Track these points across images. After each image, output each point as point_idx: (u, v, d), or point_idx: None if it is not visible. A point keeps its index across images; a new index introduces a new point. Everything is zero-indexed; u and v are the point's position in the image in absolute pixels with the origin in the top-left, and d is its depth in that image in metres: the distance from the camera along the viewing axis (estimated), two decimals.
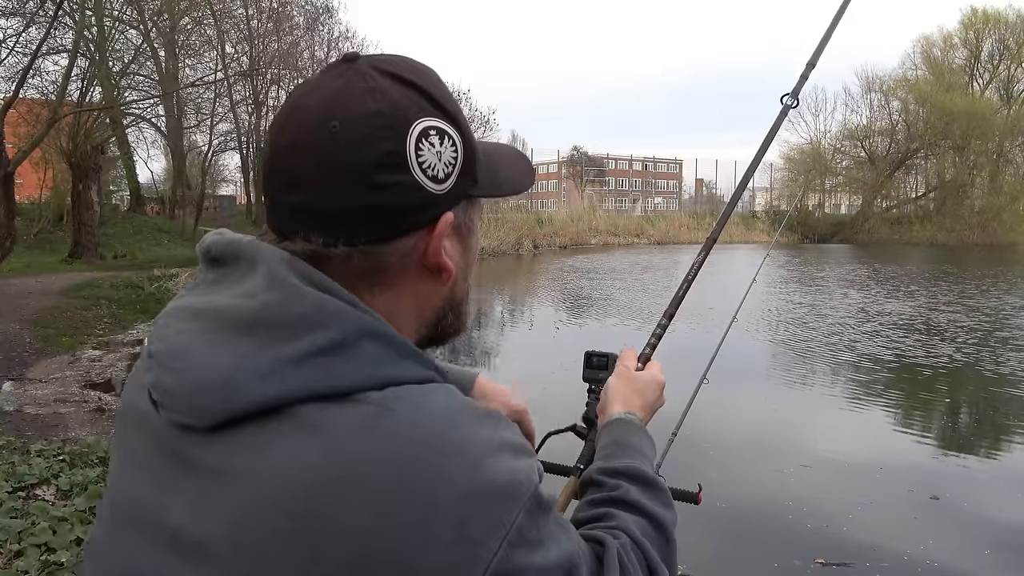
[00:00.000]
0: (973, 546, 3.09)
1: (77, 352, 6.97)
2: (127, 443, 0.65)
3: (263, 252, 0.60)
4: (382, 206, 0.60)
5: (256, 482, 0.55)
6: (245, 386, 0.56)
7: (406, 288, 0.65)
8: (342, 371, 0.56)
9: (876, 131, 46.12)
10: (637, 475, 0.79)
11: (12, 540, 2.48)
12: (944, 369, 6.59)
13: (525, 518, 0.57)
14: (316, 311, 0.57)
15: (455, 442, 0.56)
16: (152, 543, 0.58)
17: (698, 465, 3.98)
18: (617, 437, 0.88)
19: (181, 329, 0.61)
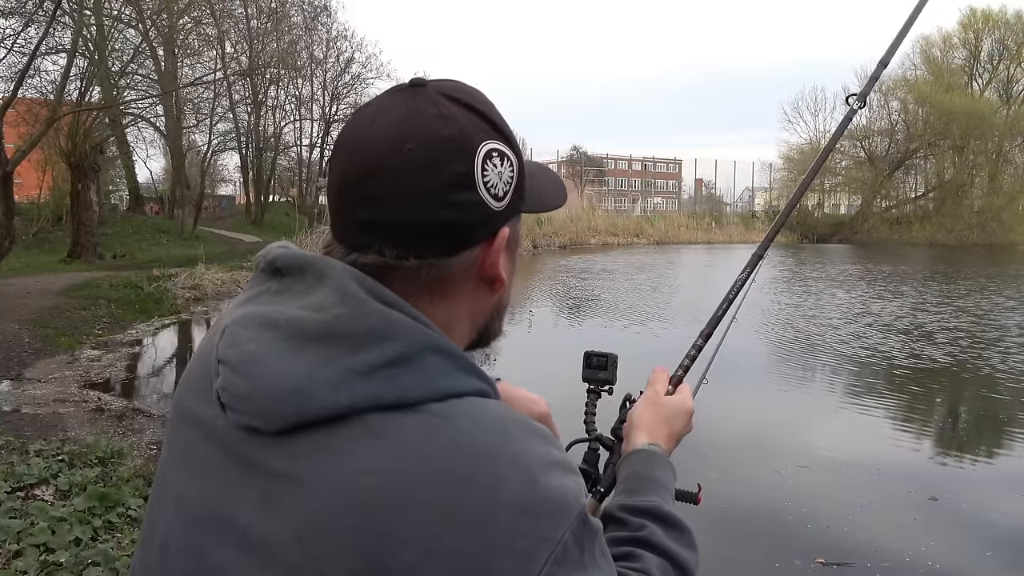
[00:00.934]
0: (973, 546, 3.09)
1: (76, 352, 6.97)
2: (186, 446, 0.68)
3: (332, 267, 0.64)
4: (452, 222, 0.65)
5: (323, 486, 0.58)
6: (317, 394, 0.59)
7: (464, 297, 0.70)
8: (407, 383, 0.60)
9: (875, 131, 46.12)
10: (661, 515, 0.80)
11: (11, 540, 2.48)
12: (935, 369, 6.59)
13: (571, 538, 0.59)
14: (384, 325, 0.61)
15: (510, 455, 0.59)
16: (222, 540, 0.62)
17: (697, 465, 3.97)
18: (640, 470, 0.89)
19: (251, 337, 0.63)
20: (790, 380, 6.34)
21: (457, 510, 0.57)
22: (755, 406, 5.46)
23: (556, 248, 29.23)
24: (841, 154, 47.23)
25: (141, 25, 15.11)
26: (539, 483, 0.59)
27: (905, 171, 46.11)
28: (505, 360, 7.67)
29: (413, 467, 0.58)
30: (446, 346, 0.63)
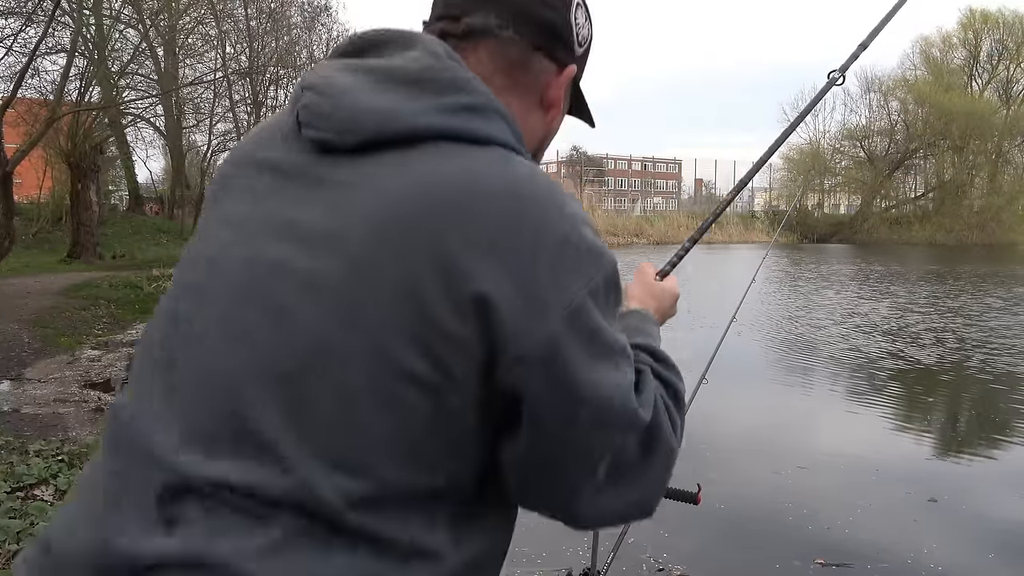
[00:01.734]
0: (974, 548, 3.09)
1: (76, 352, 6.97)
2: (245, 183, 0.75)
3: (419, 36, 0.74)
4: (548, 21, 0.77)
5: (394, 190, 0.66)
6: (400, 115, 0.68)
7: (525, 103, 0.79)
8: (480, 126, 0.70)
9: (875, 131, 46.11)
10: (654, 351, 0.85)
11: (11, 540, 2.48)
12: (922, 369, 6.60)
13: (603, 281, 0.70)
14: (465, 80, 0.71)
15: (559, 198, 0.69)
16: (279, 240, 0.68)
17: (697, 466, 3.97)
18: (631, 323, 0.93)
19: (341, 76, 0.71)
20: (793, 379, 6.35)
21: (516, 223, 0.66)
22: (753, 406, 5.46)
23: None
24: (841, 154, 47.23)
25: (141, 25, 15.11)
26: (582, 230, 0.69)
27: (905, 171, 46.07)
28: None
29: (482, 183, 0.67)
30: (511, 117, 0.73)
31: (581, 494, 0.73)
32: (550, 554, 2.91)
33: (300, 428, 0.65)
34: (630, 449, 0.74)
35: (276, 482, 0.64)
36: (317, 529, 0.64)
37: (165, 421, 0.68)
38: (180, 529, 0.64)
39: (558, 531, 2.96)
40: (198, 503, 0.64)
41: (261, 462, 0.64)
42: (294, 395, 0.65)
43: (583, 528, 0.79)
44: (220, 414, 0.67)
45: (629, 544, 2.85)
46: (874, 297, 12.55)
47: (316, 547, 0.64)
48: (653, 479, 0.77)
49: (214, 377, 0.68)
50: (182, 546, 0.63)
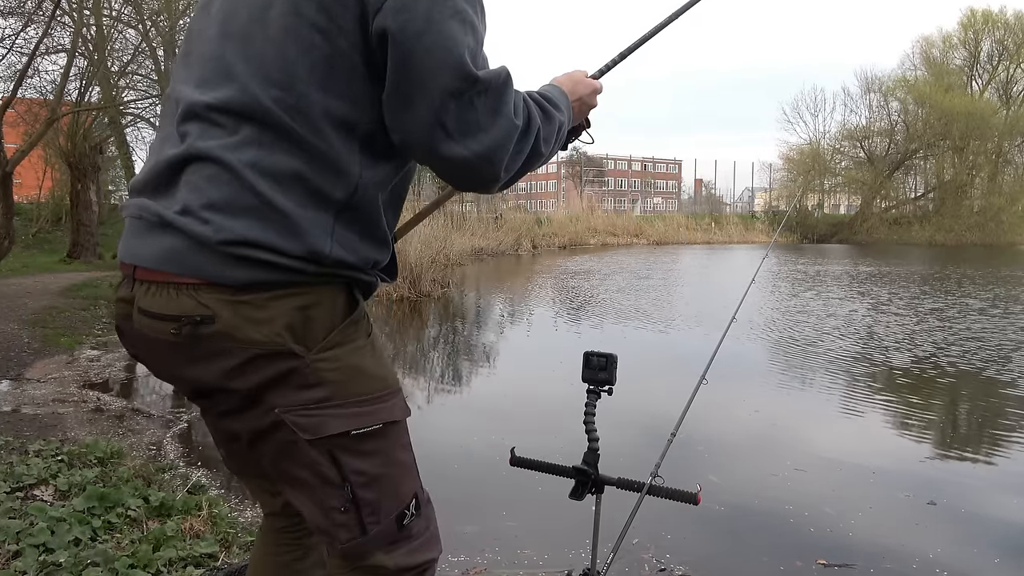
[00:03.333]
0: (975, 549, 3.08)
1: (76, 352, 6.96)
2: None
3: None
4: None
5: None
6: None
7: None
8: None
9: (875, 131, 46.11)
10: (541, 94, 1.19)
11: (10, 540, 2.47)
12: (928, 370, 6.60)
13: None
14: None
15: None
16: None
17: (697, 466, 3.98)
18: (544, 88, 1.24)
19: None
20: (787, 381, 6.35)
21: None
22: (753, 407, 5.46)
23: (556, 248, 29.22)
24: (841, 154, 47.24)
25: (141, 25, 15.09)
26: None
27: (905, 171, 46.08)
28: (504, 360, 7.67)
29: None
30: None
31: (436, 133, 1.01)
32: (551, 555, 2.90)
33: (251, 63, 1.02)
34: (478, 108, 1.01)
35: (237, 97, 1.02)
36: (267, 137, 1.01)
37: (184, 81, 1.11)
38: (186, 140, 1.05)
39: (558, 532, 2.94)
40: (195, 121, 1.05)
41: (229, 87, 1.03)
42: (248, 44, 1.03)
43: (462, 175, 1.07)
44: (210, 64, 1.06)
45: (631, 545, 2.84)
46: (874, 297, 12.56)
47: (265, 143, 1.01)
48: (496, 140, 1.03)
49: (205, 46, 1.09)
50: (186, 148, 1.04)
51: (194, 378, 1.08)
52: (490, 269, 20.04)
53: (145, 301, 1.05)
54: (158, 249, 1.03)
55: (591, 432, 1.73)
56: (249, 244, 1.00)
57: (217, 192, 1.01)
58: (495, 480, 3.74)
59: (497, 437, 4.52)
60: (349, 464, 1.08)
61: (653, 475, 1.80)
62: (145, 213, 1.07)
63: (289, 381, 1.03)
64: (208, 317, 1.00)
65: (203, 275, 1.00)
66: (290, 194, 1.01)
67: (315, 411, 1.04)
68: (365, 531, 1.11)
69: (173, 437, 4.46)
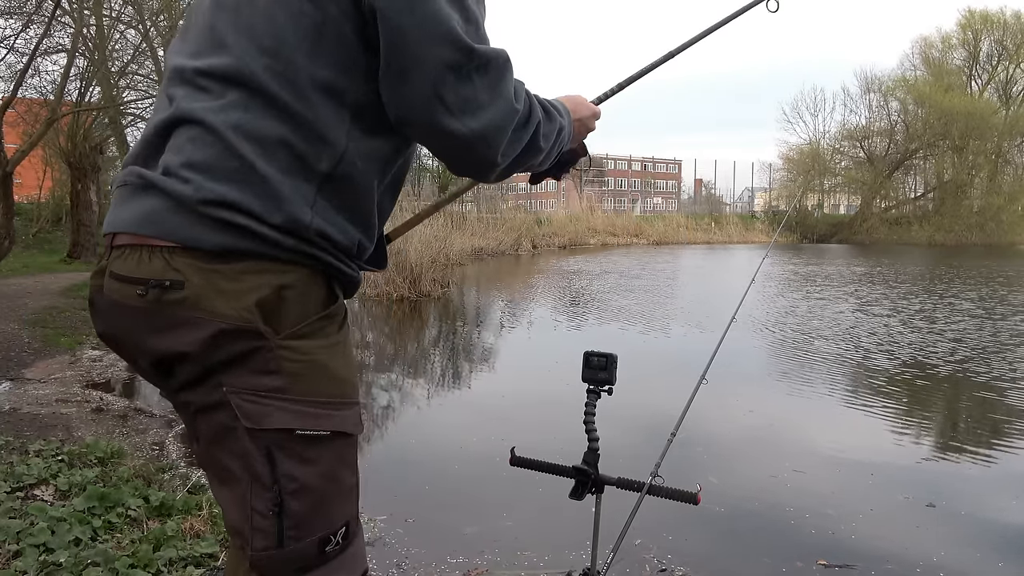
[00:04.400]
0: (975, 549, 3.09)
1: (77, 352, 6.96)
2: None
3: None
4: None
5: None
6: None
7: None
8: None
9: (875, 131, 46.09)
10: (546, 101, 1.18)
11: (10, 540, 2.48)
12: (926, 371, 6.60)
13: None
14: None
15: None
16: None
17: (697, 466, 3.98)
18: (551, 101, 1.23)
19: None
20: (786, 381, 6.35)
21: None
22: (753, 408, 5.46)
23: (556, 248, 29.21)
24: (841, 154, 47.23)
25: (141, 25, 15.08)
26: None
27: (904, 171, 46.07)
28: (504, 360, 7.67)
29: None
30: None
31: (435, 106, 1.00)
32: (551, 556, 2.91)
33: (241, 32, 1.02)
34: (476, 84, 1.01)
35: (227, 62, 1.02)
36: (254, 102, 1.00)
37: (179, 53, 1.10)
38: (174, 103, 1.05)
39: (558, 532, 2.93)
40: (183, 85, 1.05)
41: (220, 53, 1.03)
42: (239, 14, 1.03)
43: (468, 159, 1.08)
44: (204, 34, 1.07)
45: (631, 545, 2.85)
46: (873, 298, 12.56)
47: (251, 108, 1.00)
48: (494, 120, 1.03)
49: (200, 18, 1.09)
50: (172, 110, 1.04)
51: (155, 349, 1.02)
52: (490, 269, 20.04)
53: (116, 265, 1.03)
54: (139, 211, 1.01)
55: (591, 432, 1.73)
56: (228, 206, 0.97)
57: (199, 153, 0.99)
58: (495, 480, 3.74)
59: (497, 437, 4.52)
60: (284, 466, 1.00)
61: (653, 475, 1.81)
62: (130, 178, 1.06)
63: (247, 362, 0.98)
64: (177, 282, 0.97)
65: (177, 237, 0.98)
66: (273, 160, 1.00)
67: (265, 399, 0.98)
68: (282, 543, 1.02)
69: (175, 437, 4.46)
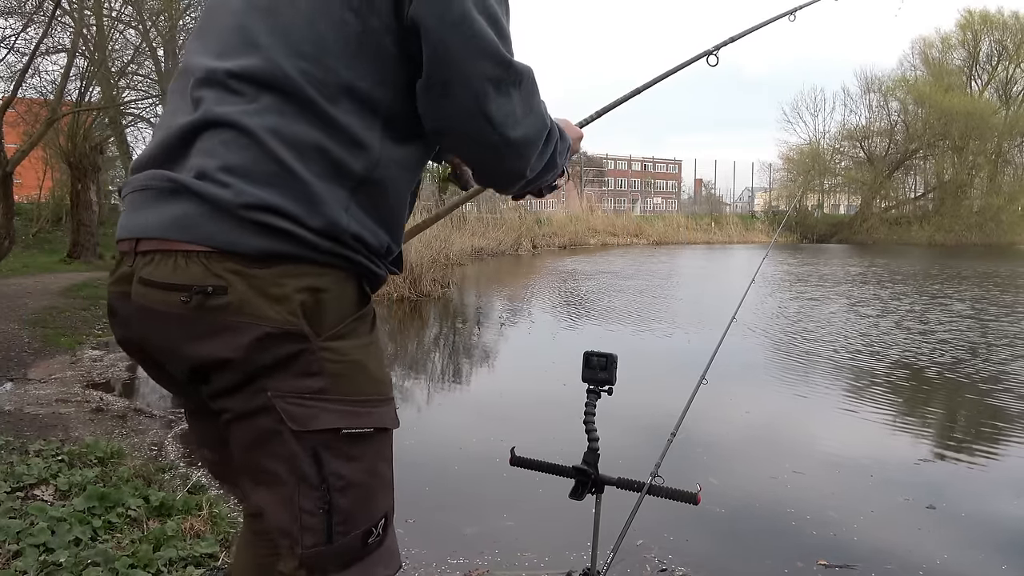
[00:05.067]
0: (978, 551, 3.09)
1: (77, 352, 6.96)
2: None
3: None
4: None
5: None
6: None
7: None
8: None
9: (875, 131, 46.05)
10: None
11: (11, 540, 2.48)
12: (925, 372, 6.60)
13: None
14: None
15: None
16: None
17: (697, 466, 3.98)
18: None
19: None
20: (786, 382, 6.35)
21: None
22: (753, 408, 5.46)
23: (556, 248, 29.21)
24: (841, 154, 47.20)
25: (141, 25, 15.08)
26: None
27: (904, 171, 46.02)
28: (504, 360, 7.67)
29: None
30: None
31: (477, 120, 1.03)
32: (551, 556, 2.91)
33: (277, 35, 1.01)
34: (513, 98, 1.04)
35: (260, 65, 1.00)
36: (289, 107, 0.99)
37: (199, 53, 1.08)
38: (201, 106, 1.02)
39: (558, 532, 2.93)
40: (212, 87, 1.02)
41: (251, 54, 1.01)
42: (275, 16, 1.02)
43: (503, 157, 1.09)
44: (232, 34, 1.05)
45: (631, 546, 2.85)
46: (874, 298, 12.56)
47: (286, 113, 0.99)
48: (529, 134, 1.08)
49: (227, 18, 1.07)
50: (201, 114, 1.01)
51: (195, 355, 1.00)
52: (490, 269, 20.04)
53: (149, 271, 0.99)
54: (168, 216, 0.98)
55: (591, 432, 1.73)
56: (269, 210, 0.96)
57: (236, 156, 0.98)
58: (495, 480, 3.74)
59: (497, 437, 4.52)
60: (331, 465, 1.02)
61: (653, 475, 1.81)
62: (153, 182, 1.02)
63: (290, 365, 0.99)
64: (220, 288, 0.96)
65: (215, 242, 0.96)
66: (310, 164, 0.99)
67: (309, 401, 0.99)
68: (331, 539, 1.04)
69: (174, 437, 4.46)
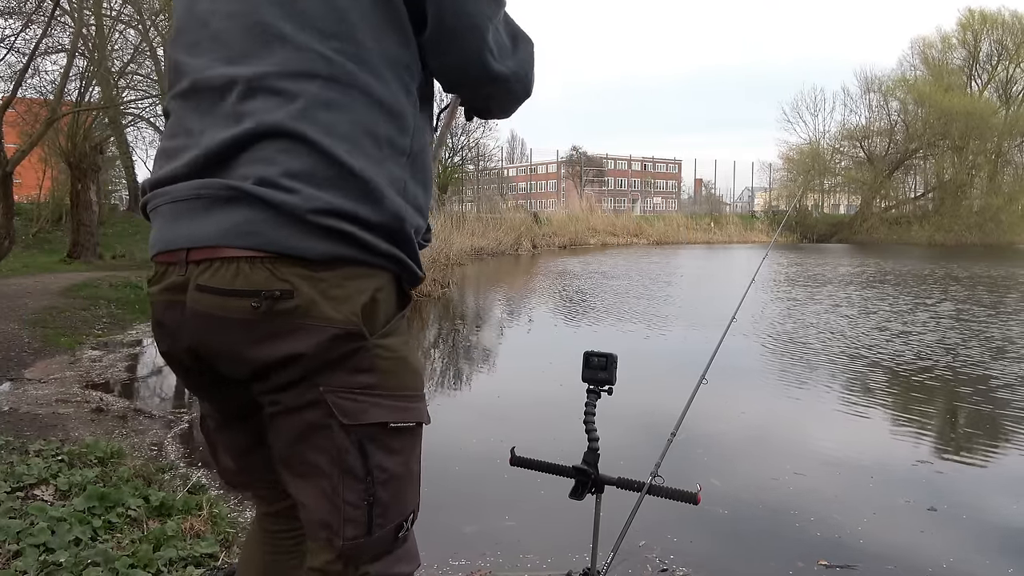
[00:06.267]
0: (981, 554, 3.09)
1: (77, 352, 6.96)
2: None
3: None
4: None
5: None
6: None
7: None
8: None
9: (875, 131, 46.06)
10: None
11: (11, 540, 2.48)
12: (925, 373, 6.60)
13: None
14: None
15: None
16: None
17: (698, 467, 3.98)
18: None
19: None
20: (786, 382, 6.35)
21: None
22: (754, 409, 5.46)
23: (556, 248, 29.21)
24: (841, 154, 47.22)
25: (141, 25, 15.08)
26: None
27: (904, 171, 46.04)
28: (504, 360, 7.67)
29: None
30: None
31: (486, 57, 1.11)
32: (551, 556, 2.91)
33: (296, 20, 1.01)
34: (502, 31, 1.13)
35: (294, 57, 1.00)
36: (332, 92, 1.00)
37: (209, 61, 1.05)
38: (245, 119, 1.00)
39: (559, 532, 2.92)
40: (251, 98, 1.00)
41: (281, 50, 1.00)
42: (290, 3, 1.01)
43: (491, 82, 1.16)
44: (246, 34, 1.03)
45: (632, 546, 2.84)
46: (874, 299, 12.56)
47: (332, 104, 1.00)
48: (525, 57, 1.19)
49: (233, 20, 1.04)
50: (248, 126, 0.99)
51: (262, 357, 1.01)
52: (490, 269, 20.04)
53: (209, 279, 0.99)
54: (228, 223, 0.98)
55: (591, 432, 1.73)
56: (336, 214, 0.98)
57: (296, 162, 0.98)
58: (495, 480, 3.74)
59: (497, 437, 4.52)
60: (375, 458, 1.05)
61: (653, 475, 1.81)
62: (205, 190, 1.00)
63: (347, 362, 1.02)
64: (287, 292, 0.97)
65: (280, 247, 0.97)
66: (364, 154, 1.01)
67: (360, 396, 1.03)
68: (371, 531, 1.07)
69: (174, 437, 4.46)
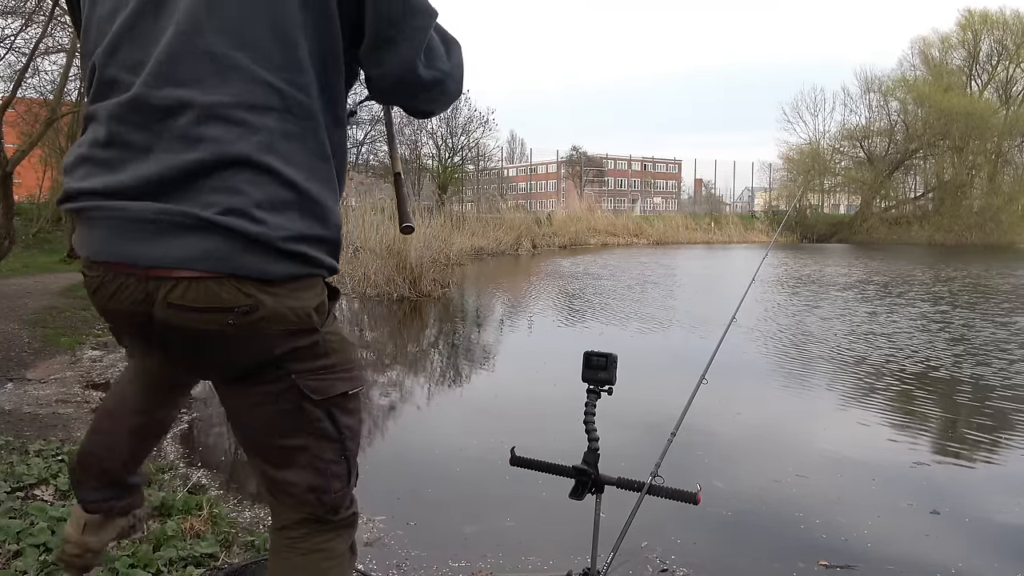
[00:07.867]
0: (984, 558, 3.09)
1: (77, 352, 6.96)
2: None
3: None
4: None
5: None
6: None
7: None
8: None
9: (875, 131, 46.04)
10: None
11: (11, 540, 2.48)
12: (924, 374, 6.60)
13: None
14: None
15: None
16: None
17: (698, 467, 3.98)
18: None
19: None
20: (786, 382, 6.34)
21: None
22: (754, 409, 5.46)
23: (556, 248, 29.21)
24: (841, 154, 47.21)
25: None
26: None
27: (904, 171, 46.02)
28: (504, 360, 7.67)
29: None
30: None
31: (417, 65, 1.17)
32: (551, 556, 2.91)
33: (255, 56, 1.06)
34: (434, 38, 1.20)
35: (252, 89, 1.06)
36: (288, 124, 1.08)
37: (158, 79, 1.07)
38: (203, 144, 1.04)
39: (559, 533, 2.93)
40: (211, 124, 1.05)
41: (237, 80, 1.06)
42: (239, 33, 1.06)
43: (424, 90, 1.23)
44: (196, 61, 1.05)
45: (631, 546, 2.84)
46: (874, 299, 12.56)
47: (290, 134, 1.09)
48: (457, 64, 1.26)
49: (184, 40, 1.06)
50: (211, 152, 1.05)
51: (237, 361, 1.19)
52: (490, 269, 20.03)
53: (180, 297, 1.09)
54: (195, 251, 1.06)
55: (591, 432, 1.73)
56: (301, 239, 1.11)
57: (261, 192, 1.07)
58: (495, 480, 3.74)
59: (497, 437, 4.52)
60: (342, 420, 1.26)
61: (653, 475, 1.81)
62: (166, 216, 1.06)
63: (308, 352, 1.21)
64: (254, 306, 1.10)
65: (247, 272, 1.08)
66: (317, 178, 1.13)
67: (323, 376, 1.23)
68: (350, 479, 1.31)
69: (174, 437, 4.45)
